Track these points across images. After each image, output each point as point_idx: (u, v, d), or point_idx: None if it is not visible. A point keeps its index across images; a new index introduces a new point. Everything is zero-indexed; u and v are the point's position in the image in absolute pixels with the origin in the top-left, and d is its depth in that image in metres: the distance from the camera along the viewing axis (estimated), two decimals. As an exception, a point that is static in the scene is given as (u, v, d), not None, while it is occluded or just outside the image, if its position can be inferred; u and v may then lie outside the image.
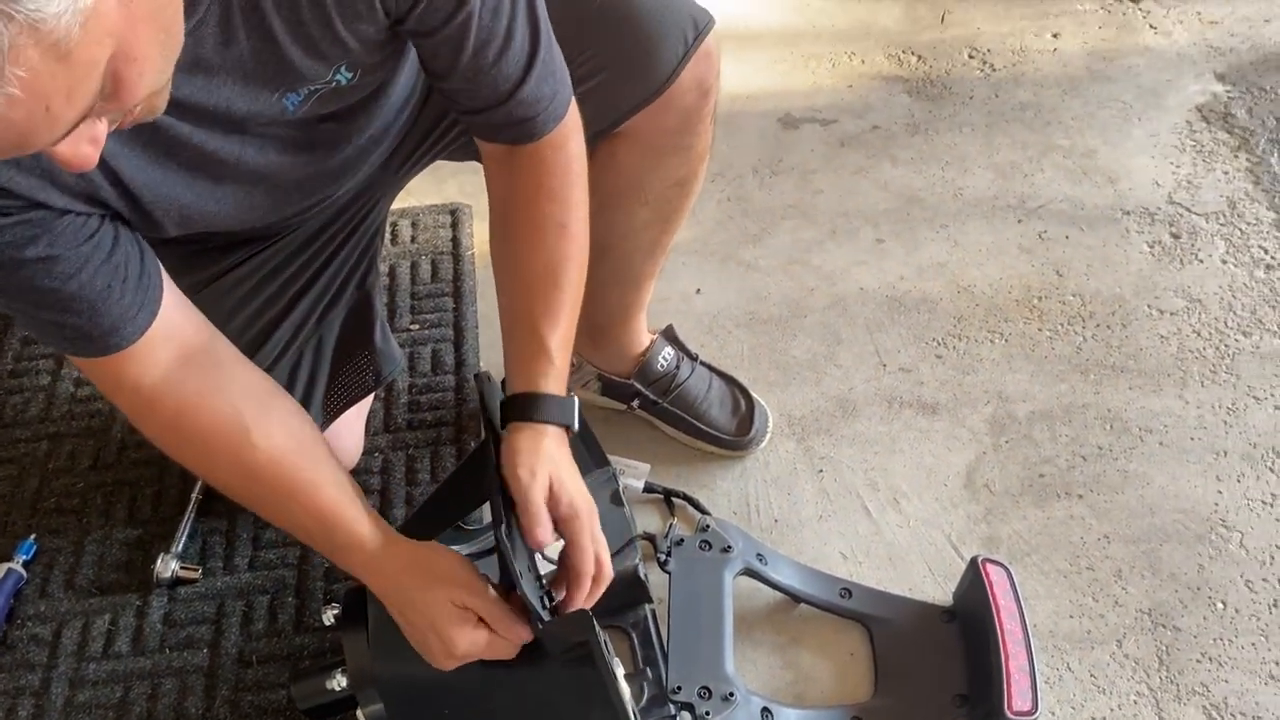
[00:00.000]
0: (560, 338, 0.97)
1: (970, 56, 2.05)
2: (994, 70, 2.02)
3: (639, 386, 1.43)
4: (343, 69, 0.87)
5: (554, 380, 0.96)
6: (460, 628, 0.91)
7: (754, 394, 1.45)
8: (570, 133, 0.99)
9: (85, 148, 0.60)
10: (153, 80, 0.61)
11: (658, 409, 1.44)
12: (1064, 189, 1.80)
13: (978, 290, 1.64)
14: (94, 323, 0.86)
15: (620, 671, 0.91)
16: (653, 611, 1.23)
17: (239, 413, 0.94)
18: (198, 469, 1.02)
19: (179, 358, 0.92)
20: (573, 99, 0.99)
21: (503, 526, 0.89)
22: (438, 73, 0.91)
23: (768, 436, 1.43)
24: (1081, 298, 1.63)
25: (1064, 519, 1.37)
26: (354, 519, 0.95)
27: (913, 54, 2.06)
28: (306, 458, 0.96)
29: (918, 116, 1.93)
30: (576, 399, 0.98)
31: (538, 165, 0.98)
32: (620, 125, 1.13)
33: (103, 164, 0.81)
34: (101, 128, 0.61)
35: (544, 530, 0.90)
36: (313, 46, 0.82)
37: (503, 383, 1.01)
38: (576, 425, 0.96)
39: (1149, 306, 1.61)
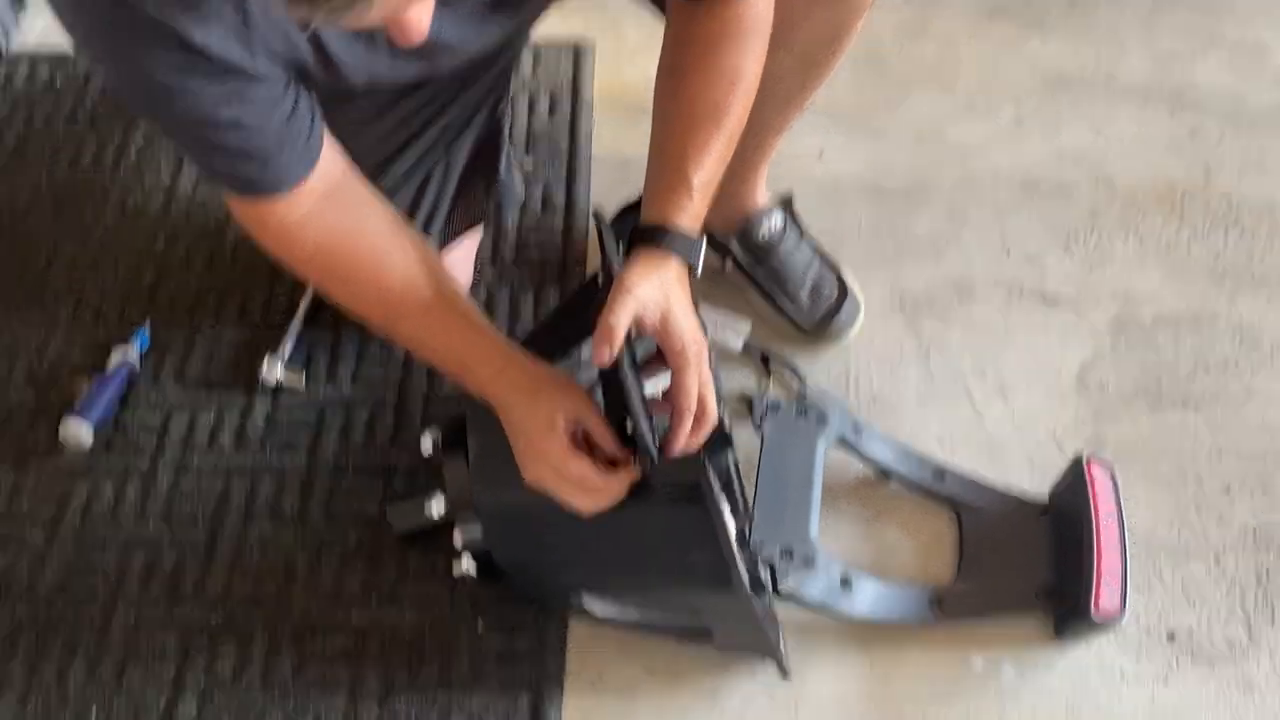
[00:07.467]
0: (704, 178, 0.95)
1: (1143, -70, 1.89)
2: (1167, -52, 1.87)
3: (736, 248, 1.39)
4: None
5: (689, 217, 0.94)
6: (568, 444, 0.91)
7: (852, 288, 1.39)
8: None
9: (427, 19, 0.67)
10: None
11: (749, 275, 1.40)
12: (1226, 84, 1.67)
13: (1118, 183, 1.55)
14: (260, 175, 0.92)
15: (728, 516, 0.91)
16: (735, 459, 1.22)
17: (376, 245, 0.99)
18: (339, 298, 1.05)
19: (322, 197, 0.96)
20: None
21: (624, 361, 0.88)
22: None
23: (850, 333, 1.38)
24: (1228, 201, 1.53)
25: (1177, 427, 1.31)
26: (483, 334, 0.99)
27: (1080, -78, 1.91)
28: (437, 283, 1.00)
29: (1077, -9, 1.81)
30: (705, 243, 0.95)
31: (726, 15, 0.95)
32: None
33: (313, 38, 0.86)
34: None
35: (608, 349, 0.86)
36: None
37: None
38: (699, 268, 0.94)
39: (1301, 219, 1.51)
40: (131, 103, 0.89)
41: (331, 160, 0.97)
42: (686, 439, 0.91)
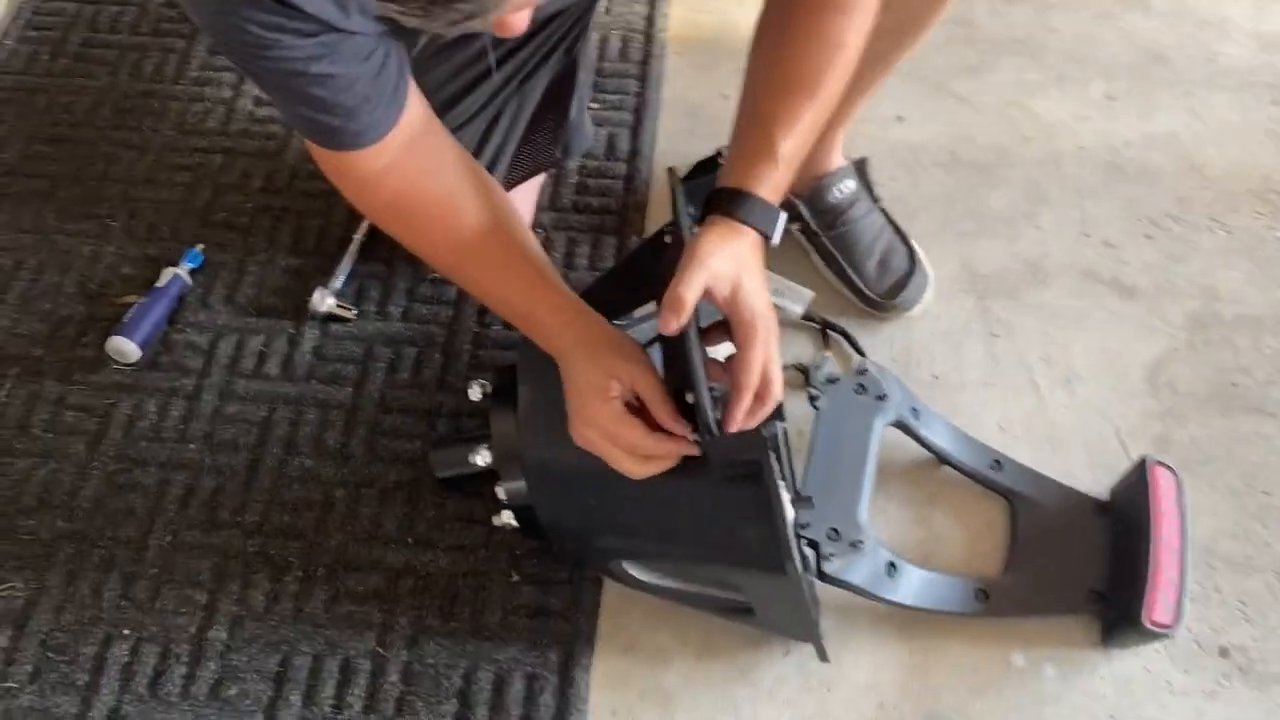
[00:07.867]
0: (792, 147, 0.90)
1: (1260, -98, 1.79)
2: (1284, -77, 1.76)
3: (804, 210, 1.34)
4: None
5: (770, 187, 0.90)
6: (620, 410, 0.90)
7: (923, 261, 1.34)
8: None
9: (529, 14, 0.67)
10: None
11: (815, 240, 1.35)
12: (1334, 74, 1.59)
13: (1209, 171, 1.48)
14: (345, 127, 0.90)
15: (786, 497, 0.88)
16: (784, 430, 1.18)
17: (452, 194, 0.97)
18: (413, 244, 1.03)
19: (403, 147, 0.94)
20: None
21: (689, 330, 0.85)
22: None
23: (917, 306, 1.33)
24: (1325, 200, 1.46)
25: (1249, 435, 1.26)
26: (553, 286, 0.98)
27: (1193, -111, 1.80)
28: (510, 234, 0.98)
29: (1184, -37, 1.71)
30: (784, 216, 0.91)
31: None
32: None
33: None
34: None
35: (675, 320, 0.85)
36: None
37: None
38: (777, 240, 0.90)
39: (1401, 224, 1.43)
40: (221, 49, 0.88)
41: (415, 109, 0.95)
42: (745, 416, 0.88)
